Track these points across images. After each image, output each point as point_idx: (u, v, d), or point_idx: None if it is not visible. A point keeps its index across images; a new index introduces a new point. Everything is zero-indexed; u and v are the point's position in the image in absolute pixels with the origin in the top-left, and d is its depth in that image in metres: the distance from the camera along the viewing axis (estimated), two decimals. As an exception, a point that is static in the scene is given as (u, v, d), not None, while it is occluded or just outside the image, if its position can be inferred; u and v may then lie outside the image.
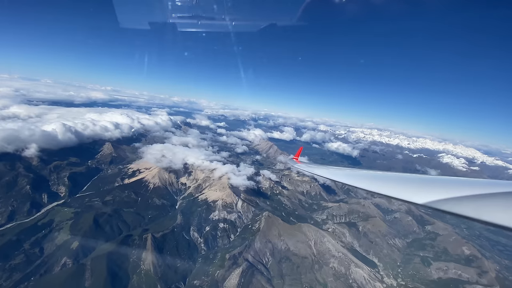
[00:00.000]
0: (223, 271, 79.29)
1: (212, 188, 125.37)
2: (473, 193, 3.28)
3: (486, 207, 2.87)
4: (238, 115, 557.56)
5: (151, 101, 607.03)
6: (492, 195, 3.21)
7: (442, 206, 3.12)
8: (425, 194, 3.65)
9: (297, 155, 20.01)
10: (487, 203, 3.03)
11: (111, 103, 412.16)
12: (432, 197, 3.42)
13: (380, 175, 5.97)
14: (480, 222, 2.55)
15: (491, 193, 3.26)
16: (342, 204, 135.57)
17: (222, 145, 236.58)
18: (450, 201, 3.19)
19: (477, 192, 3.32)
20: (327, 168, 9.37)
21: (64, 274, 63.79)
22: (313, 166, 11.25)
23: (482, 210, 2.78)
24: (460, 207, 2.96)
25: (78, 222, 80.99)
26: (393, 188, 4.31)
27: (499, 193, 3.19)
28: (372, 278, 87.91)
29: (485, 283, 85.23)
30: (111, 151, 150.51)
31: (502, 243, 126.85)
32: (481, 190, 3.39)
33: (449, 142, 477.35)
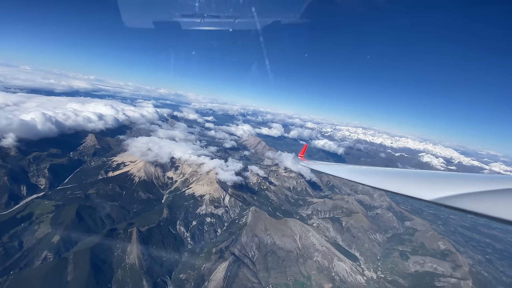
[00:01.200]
0: (210, 265, 79.81)
1: (200, 183, 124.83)
2: (482, 189, 3.29)
3: (499, 204, 2.85)
4: (227, 110, 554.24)
5: (136, 92, 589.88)
6: (501, 191, 3.19)
7: (454, 203, 3.10)
8: (435, 190, 3.65)
9: (302, 153, 19.57)
10: (498, 200, 3.03)
11: (94, 93, 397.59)
12: (442, 193, 3.41)
13: (387, 172, 5.81)
14: (496, 220, 2.61)
15: (500, 189, 3.25)
16: (327, 200, 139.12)
17: (210, 140, 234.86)
18: (461, 197, 3.19)
19: (486, 188, 3.33)
20: (333, 165, 9.48)
21: (45, 268, 61.97)
22: (320, 164, 11.39)
23: (496, 207, 2.78)
24: (473, 203, 2.99)
25: (60, 215, 78.44)
26: (401, 185, 4.47)
27: (505, 189, 3.19)
28: (354, 271, 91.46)
29: (458, 276, 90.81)
30: (95, 143, 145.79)
31: (476, 239, 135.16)
32: (489, 187, 3.42)
33: (429, 142, 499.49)
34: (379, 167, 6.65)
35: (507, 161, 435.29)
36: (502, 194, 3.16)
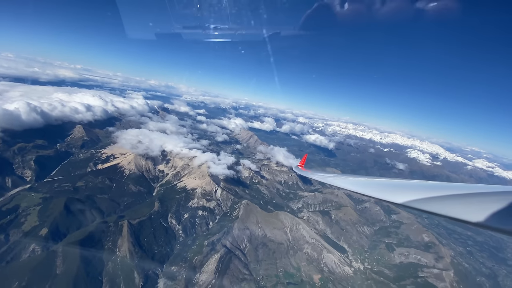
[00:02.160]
0: (201, 257, 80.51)
1: (191, 176, 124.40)
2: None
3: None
4: (219, 103, 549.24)
5: (125, 83, 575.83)
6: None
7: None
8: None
9: (302, 162, 19.34)
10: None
11: (81, 83, 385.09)
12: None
13: (381, 182, 6.52)
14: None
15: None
16: (317, 194, 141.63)
17: (202, 133, 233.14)
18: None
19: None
20: (331, 176, 9.81)
21: (34, 261, 60.88)
22: (319, 174, 11.78)
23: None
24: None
25: (47, 208, 76.80)
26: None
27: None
28: (342, 263, 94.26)
29: (441, 267, 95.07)
30: (83, 135, 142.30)
31: (458, 231, 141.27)
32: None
33: (417, 138, 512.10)
34: (373, 178, 7.30)
35: (489, 158, 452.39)
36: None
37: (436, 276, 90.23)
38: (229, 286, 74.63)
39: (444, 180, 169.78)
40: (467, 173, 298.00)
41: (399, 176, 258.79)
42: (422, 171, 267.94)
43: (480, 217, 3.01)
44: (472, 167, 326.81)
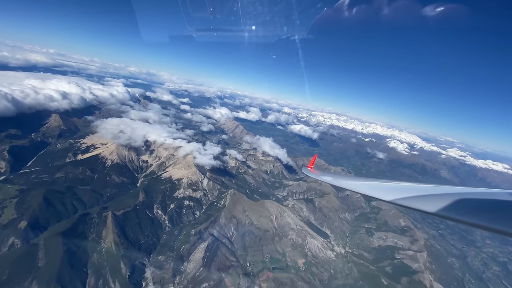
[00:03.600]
0: (189, 246, 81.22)
1: (177, 167, 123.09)
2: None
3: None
4: (203, 92, 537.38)
5: (103, 69, 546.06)
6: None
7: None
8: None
9: (311, 163, 18.68)
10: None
11: (55, 69, 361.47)
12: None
13: (392, 186, 6.97)
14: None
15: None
16: (301, 182, 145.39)
17: (186, 123, 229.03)
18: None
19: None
20: (345, 179, 9.87)
21: (14, 255, 58.76)
22: (329, 175, 11.92)
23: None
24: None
25: (25, 200, 73.55)
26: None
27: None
28: (325, 248, 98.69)
29: (415, 249, 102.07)
30: (59, 124, 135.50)
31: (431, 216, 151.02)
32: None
33: (396, 128, 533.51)
34: (384, 182, 7.64)
35: (462, 147, 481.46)
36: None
37: (411, 257, 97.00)
38: (216, 273, 76.23)
39: (419, 168, 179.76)
40: (441, 161, 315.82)
41: (378, 164, 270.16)
42: (400, 160, 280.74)
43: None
44: (446, 156, 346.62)
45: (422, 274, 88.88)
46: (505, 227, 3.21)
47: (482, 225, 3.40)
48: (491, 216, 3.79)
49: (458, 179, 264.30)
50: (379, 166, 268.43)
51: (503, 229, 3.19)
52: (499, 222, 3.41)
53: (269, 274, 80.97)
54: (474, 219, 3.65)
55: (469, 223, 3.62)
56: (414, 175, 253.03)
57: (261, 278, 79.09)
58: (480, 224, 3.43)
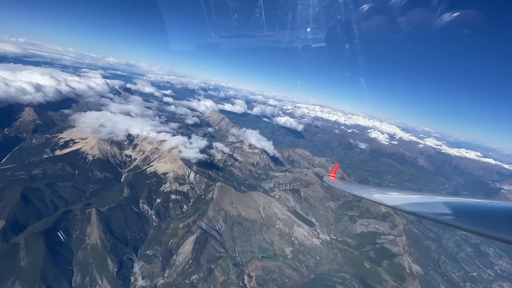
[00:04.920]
0: (177, 239, 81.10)
1: (162, 161, 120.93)
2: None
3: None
4: (186, 84, 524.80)
5: (79, 60, 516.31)
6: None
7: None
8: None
9: (333, 172, 17.76)
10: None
11: (26, 59, 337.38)
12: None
13: (413, 199, 7.19)
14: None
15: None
16: (288, 173, 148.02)
17: (170, 116, 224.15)
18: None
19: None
20: (371, 190, 9.76)
21: (-8, 256, 56.23)
22: (352, 186, 11.73)
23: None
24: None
25: (2, 198, 69.72)
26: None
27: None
28: (311, 235, 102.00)
29: (395, 234, 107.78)
30: (34, 118, 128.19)
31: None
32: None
33: (377, 119, 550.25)
34: (405, 194, 8.00)
35: (438, 136, 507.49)
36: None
37: (391, 241, 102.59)
38: (206, 265, 77.04)
39: (399, 158, 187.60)
40: (419, 151, 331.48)
41: (360, 154, 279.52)
42: (381, 150, 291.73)
43: None
44: (423, 145, 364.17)
45: (402, 257, 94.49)
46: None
47: None
48: None
49: (434, 167, 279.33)
50: (361, 156, 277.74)
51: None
52: None
53: (258, 263, 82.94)
54: None
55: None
56: (394, 164, 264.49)
57: (250, 268, 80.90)
58: None
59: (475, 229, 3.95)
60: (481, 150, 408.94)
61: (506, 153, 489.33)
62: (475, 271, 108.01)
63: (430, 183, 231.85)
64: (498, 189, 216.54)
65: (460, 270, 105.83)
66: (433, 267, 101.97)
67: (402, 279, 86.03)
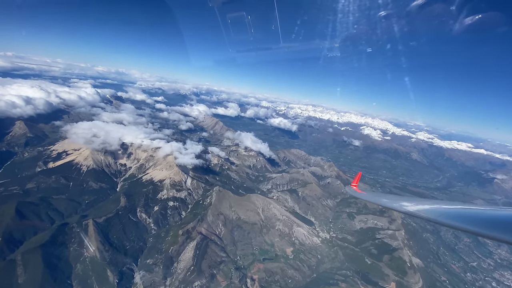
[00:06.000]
0: (177, 246, 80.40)
1: (158, 168, 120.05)
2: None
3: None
4: (178, 89, 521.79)
5: (68, 70, 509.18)
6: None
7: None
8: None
9: (355, 181, 17.12)
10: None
11: (14, 73, 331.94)
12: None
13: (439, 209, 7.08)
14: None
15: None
16: (284, 174, 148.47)
17: (163, 122, 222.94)
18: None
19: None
20: (396, 200, 9.46)
21: (-12, 274, 54.86)
22: (375, 195, 11.44)
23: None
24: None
25: (-5, 215, 68.38)
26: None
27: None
28: (310, 234, 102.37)
29: (393, 228, 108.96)
30: (25, 131, 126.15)
31: (406, 196, 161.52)
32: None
33: (369, 116, 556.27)
34: (430, 204, 8.02)
35: (429, 130, 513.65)
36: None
37: (390, 236, 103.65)
38: (208, 270, 76.52)
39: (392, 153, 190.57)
40: (411, 145, 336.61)
41: (355, 152, 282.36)
42: (374, 146, 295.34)
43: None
44: (416, 139, 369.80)
45: (402, 250, 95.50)
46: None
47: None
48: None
49: (427, 160, 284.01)
50: (355, 153, 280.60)
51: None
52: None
53: (260, 266, 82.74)
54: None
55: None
56: (388, 159, 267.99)
57: (252, 270, 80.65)
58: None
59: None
60: (472, 141, 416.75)
61: (496, 143, 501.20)
62: (475, 261, 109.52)
63: (424, 176, 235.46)
64: (492, 179, 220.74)
65: (460, 261, 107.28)
66: (433, 259, 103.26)
67: (403, 273, 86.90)
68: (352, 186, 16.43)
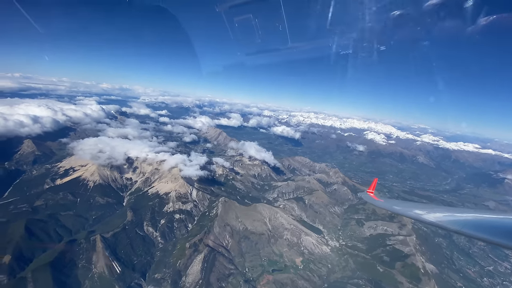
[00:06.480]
0: (185, 260, 79.70)
1: (163, 181, 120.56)
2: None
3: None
4: (181, 102, 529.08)
5: (74, 88, 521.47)
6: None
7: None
8: None
9: (372, 188, 16.20)
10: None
11: (23, 93, 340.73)
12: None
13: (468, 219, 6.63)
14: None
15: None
16: (290, 182, 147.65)
17: (167, 135, 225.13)
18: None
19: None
20: (419, 208, 8.97)
21: (-2, 294, 54.99)
22: (395, 204, 10.69)
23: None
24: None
25: (6, 233, 68.94)
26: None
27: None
28: (319, 243, 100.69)
29: (404, 234, 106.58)
30: (33, 149, 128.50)
31: (415, 200, 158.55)
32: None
33: (372, 120, 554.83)
34: (453, 213, 7.65)
35: (434, 132, 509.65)
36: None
37: (402, 242, 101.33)
38: (216, 283, 75.44)
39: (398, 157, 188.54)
40: (417, 148, 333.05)
41: (360, 157, 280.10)
42: (379, 150, 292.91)
43: None
44: (421, 142, 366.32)
45: (414, 256, 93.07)
46: None
47: None
48: None
49: (434, 162, 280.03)
50: (360, 158, 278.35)
51: None
52: None
53: (269, 277, 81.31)
54: None
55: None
56: (394, 163, 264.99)
57: (262, 282, 79.22)
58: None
59: None
60: (479, 141, 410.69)
61: (504, 142, 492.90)
62: (491, 265, 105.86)
63: (432, 179, 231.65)
64: (502, 179, 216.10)
65: (476, 266, 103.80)
66: (447, 264, 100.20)
67: (417, 280, 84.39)
68: (368, 192, 15.59)
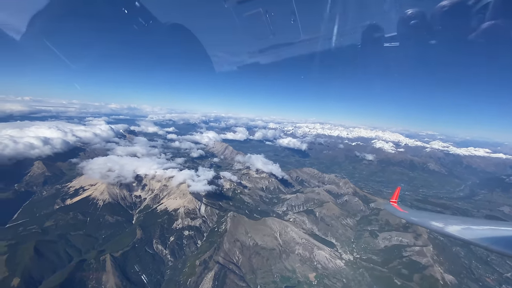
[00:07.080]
0: (195, 278, 77.72)
1: (171, 197, 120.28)
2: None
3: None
4: (188, 119, 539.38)
5: (83, 110, 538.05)
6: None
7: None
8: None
9: (395, 197, 15.02)
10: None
11: (33, 116, 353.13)
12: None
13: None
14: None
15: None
16: (299, 194, 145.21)
17: (175, 151, 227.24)
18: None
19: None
20: (452, 221, 8.35)
21: (8, 318, 54.15)
22: (422, 217, 9.68)
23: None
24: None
25: (15, 255, 68.89)
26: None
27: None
28: (333, 257, 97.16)
29: (420, 244, 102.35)
30: (43, 170, 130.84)
31: (428, 209, 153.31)
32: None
33: (379, 129, 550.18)
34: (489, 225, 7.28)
35: (443, 138, 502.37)
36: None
37: (418, 252, 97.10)
38: (228, 302, 72.93)
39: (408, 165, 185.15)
40: (427, 155, 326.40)
41: (369, 166, 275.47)
42: (388, 159, 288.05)
43: None
44: (430, 149, 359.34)
45: (432, 268, 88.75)
46: None
47: None
48: None
49: (446, 169, 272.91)
50: (369, 167, 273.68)
51: None
52: None
53: (282, 294, 78.24)
54: None
55: None
56: (404, 171, 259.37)
57: (275, 300, 76.22)
58: None
59: None
60: (489, 146, 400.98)
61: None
62: (509, 271, 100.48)
63: (445, 186, 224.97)
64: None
65: (494, 273, 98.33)
66: (466, 274, 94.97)
67: (438, 293, 79.94)
68: (391, 202, 14.09)
